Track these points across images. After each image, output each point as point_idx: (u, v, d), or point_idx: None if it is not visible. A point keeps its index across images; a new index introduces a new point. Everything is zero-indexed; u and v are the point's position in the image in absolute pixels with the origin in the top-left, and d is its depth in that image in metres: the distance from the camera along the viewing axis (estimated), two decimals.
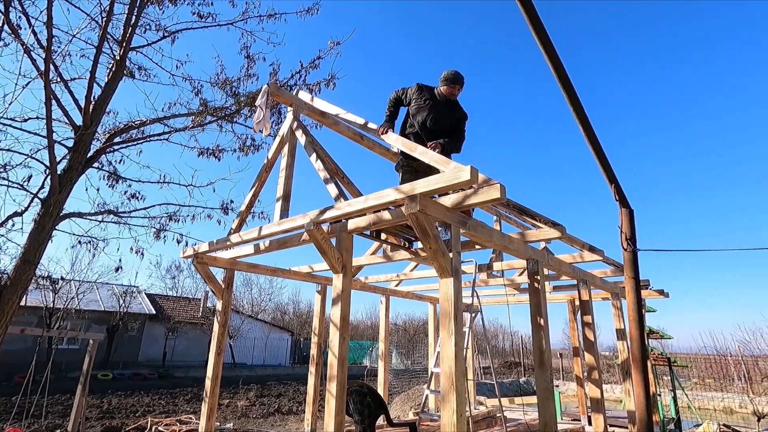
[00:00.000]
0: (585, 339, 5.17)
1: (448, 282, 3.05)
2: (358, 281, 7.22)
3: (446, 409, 2.80)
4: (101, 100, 5.57)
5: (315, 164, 3.86)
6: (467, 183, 2.73)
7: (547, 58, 1.61)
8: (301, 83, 6.42)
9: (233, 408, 13.23)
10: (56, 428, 9.28)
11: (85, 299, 19.73)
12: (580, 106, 1.83)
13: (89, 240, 6.75)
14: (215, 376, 4.96)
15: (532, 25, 1.58)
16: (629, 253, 2.43)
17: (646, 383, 2.29)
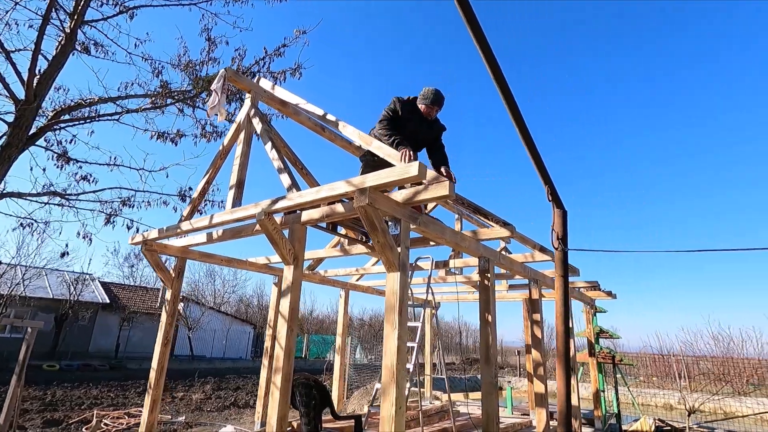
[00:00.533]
0: (533, 336, 5.34)
1: (394, 276, 3.07)
2: (317, 274, 7.17)
3: (386, 402, 2.83)
4: (48, 74, 5.26)
5: (270, 153, 3.79)
6: (415, 178, 2.76)
7: (485, 60, 1.63)
8: (265, 71, 6.30)
9: (187, 401, 12.87)
10: None
11: (32, 286, 18.66)
12: (517, 109, 1.88)
13: (31, 222, 6.40)
14: (161, 368, 4.80)
15: (470, 26, 1.60)
16: (560, 252, 2.52)
17: (568, 376, 2.40)
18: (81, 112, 6.20)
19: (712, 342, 17.48)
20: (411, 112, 3.85)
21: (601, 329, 10.46)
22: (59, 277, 21.05)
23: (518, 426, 6.89)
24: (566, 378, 2.37)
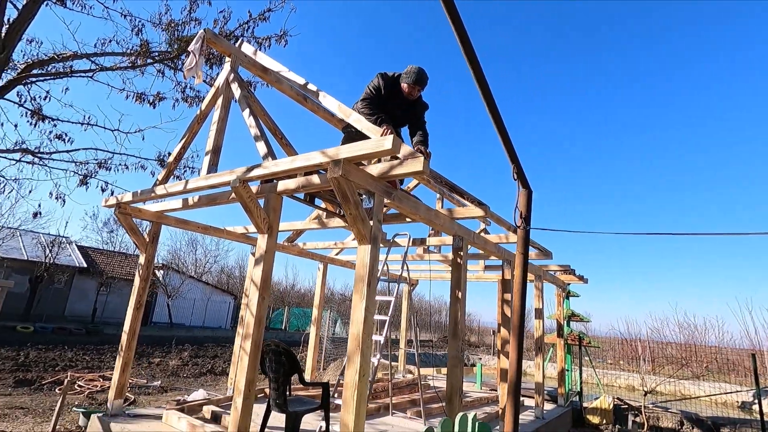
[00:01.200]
0: (503, 315, 5.50)
1: (365, 248, 3.11)
2: (296, 247, 7.18)
3: (350, 369, 2.91)
4: (17, 23, 5.01)
5: (247, 120, 3.73)
6: (389, 152, 2.76)
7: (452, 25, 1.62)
8: (249, 35, 6.11)
9: (164, 367, 12.97)
10: None
11: (6, 246, 18.27)
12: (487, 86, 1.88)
13: (5, 180, 6.22)
14: (132, 331, 4.81)
15: None
16: (523, 231, 2.59)
17: (520, 349, 2.50)
18: (54, 67, 5.96)
19: (678, 329, 18.27)
20: (393, 90, 3.81)
21: (572, 313, 10.83)
22: (34, 239, 20.62)
23: (485, 399, 7.17)
24: (518, 351, 2.47)
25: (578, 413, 7.75)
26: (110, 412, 4.60)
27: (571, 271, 8.85)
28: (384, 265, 5.68)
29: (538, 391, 6.54)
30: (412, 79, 3.78)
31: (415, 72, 3.82)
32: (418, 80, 3.79)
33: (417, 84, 3.80)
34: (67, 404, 7.22)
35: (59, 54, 5.78)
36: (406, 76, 3.81)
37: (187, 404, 4.97)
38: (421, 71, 3.85)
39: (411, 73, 3.79)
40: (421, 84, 3.83)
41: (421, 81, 3.81)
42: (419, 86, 3.82)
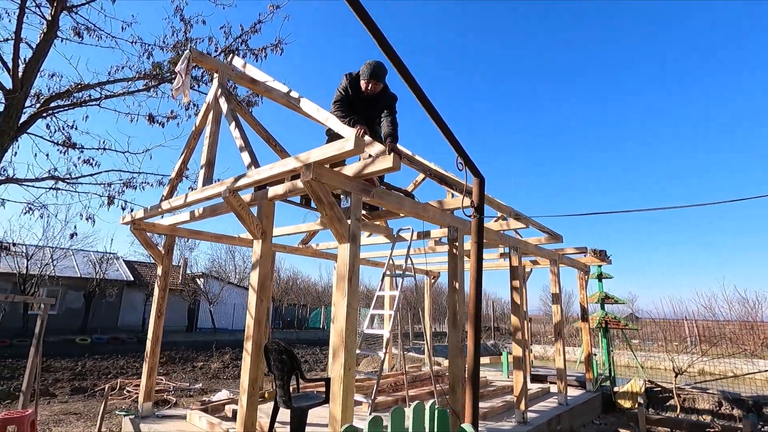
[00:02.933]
0: (512, 302, 5.44)
1: (344, 247, 3.20)
2: (310, 248, 7.38)
3: (335, 364, 3.02)
4: (32, 61, 5.44)
5: (233, 132, 3.90)
6: (354, 152, 2.84)
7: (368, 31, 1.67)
8: (245, 48, 6.32)
9: (206, 370, 13.65)
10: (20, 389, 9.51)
11: (60, 265, 19.72)
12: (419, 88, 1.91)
13: (40, 206, 6.76)
14: (155, 338, 5.15)
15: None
16: (476, 220, 2.58)
17: (477, 336, 2.51)
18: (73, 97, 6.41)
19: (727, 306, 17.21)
20: (358, 88, 3.84)
21: (606, 295, 10.49)
22: (85, 257, 22.14)
23: (508, 388, 7.11)
24: (475, 337, 2.48)
25: (609, 398, 7.53)
26: (140, 414, 4.96)
27: (598, 253, 8.58)
28: (390, 260, 5.76)
29: (560, 377, 6.42)
30: (367, 75, 3.76)
31: (369, 66, 3.79)
32: (372, 74, 3.76)
33: (372, 78, 3.77)
34: (115, 408, 7.80)
35: (76, 84, 6.22)
36: (362, 72, 3.80)
37: (211, 404, 5.27)
38: (375, 65, 3.79)
39: (365, 68, 3.78)
40: (376, 78, 3.77)
41: (375, 75, 3.76)
42: (374, 80, 3.78)
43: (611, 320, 10.15)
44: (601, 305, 10.38)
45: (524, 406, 5.10)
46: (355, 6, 1.62)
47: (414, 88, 1.91)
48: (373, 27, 1.72)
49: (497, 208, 5.12)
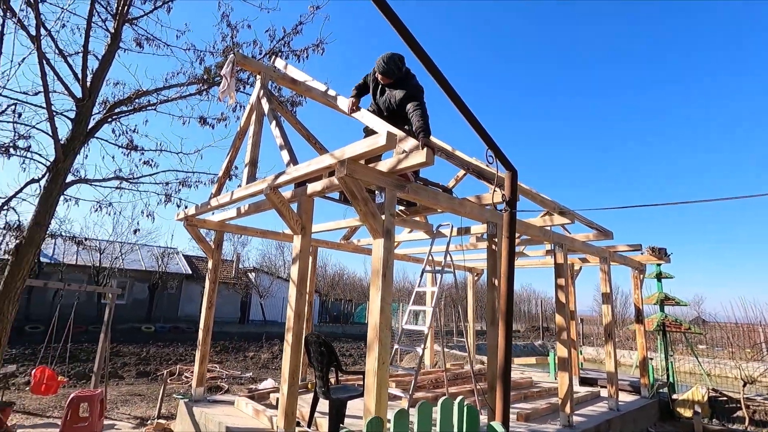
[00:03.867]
0: (557, 301, 5.23)
1: (379, 243, 3.22)
2: (351, 244, 7.50)
3: (370, 357, 3.06)
4: (99, 71, 5.92)
5: (273, 131, 4.05)
6: (386, 148, 2.85)
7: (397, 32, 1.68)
8: (287, 50, 6.50)
9: (257, 360, 14.32)
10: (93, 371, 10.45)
11: (128, 259, 21.40)
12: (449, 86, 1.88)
13: (107, 204, 7.36)
14: (206, 328, 5.47)
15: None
16: (508, 214, 2.49)
17: (509, 332, 2.42)
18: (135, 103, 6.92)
19: None
20: (374, 86, 3.86)
21: (666, 296, 9.82)
22: (149, 251, 23.89)
23: (553, 390, 6.86)
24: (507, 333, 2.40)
25: (666, 405, 7.04)
26: (194, 398, 5.29)
27: (656, 250, 8.05)
28: (429, 256, 5.73)
29: (610, 381, 6.09)
30: (381, 70, 3.73)
31: (381, 60, 3.73)
32: (383, 70, 3.72)
33: (384, 74, 3.74)
34: (174, 391, 8.38)
35: (136, 91, 6.70)
36: (376, 68, 3.78)
37: (257, 392, 5.52)
38: (387, 58, 3.71)
39: (378, 63, 3.74)
40: (388, 73, 3.71)
41: (386, 70, 3.70)
42: (382, 74, 3.74)
43: (671, 323, 9.47)
44: (661, 307, 9.72)
45: (569, 409, 4.90)
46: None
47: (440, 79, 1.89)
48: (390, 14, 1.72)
49: (540, 203, 4.94)
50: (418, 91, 3.74)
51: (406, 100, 3.70)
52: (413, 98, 3.67)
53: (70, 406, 5.13)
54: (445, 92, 1.92)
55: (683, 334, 10.37)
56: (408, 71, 3.81)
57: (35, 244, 5.22)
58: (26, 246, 5.14)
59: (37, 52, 4.97)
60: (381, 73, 3.75)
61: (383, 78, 3.78)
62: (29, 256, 5.17)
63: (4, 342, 4.90)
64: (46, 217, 5.33)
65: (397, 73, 3.70)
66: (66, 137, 5.57)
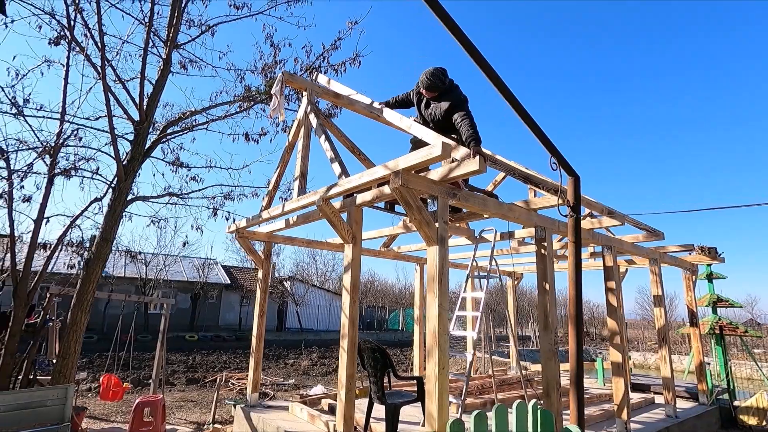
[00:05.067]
0: (608, 304, 5.13)
1: (434, 250, 3.30)
2: (391, 251, 7.60)
3: (430, 363, 3.12)
4: (153, 95, 6.31)
5: (323, 145, 4.21)
6: (440, 158, 2.93)
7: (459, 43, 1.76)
8: (326, 65, 6.73)
9: (297, 367, 14.59)
10: (150, 377, 10.96)
11: (171, 271, 22.33)
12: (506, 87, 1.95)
13: (159, 219, 7.78)
14: (259, 335, 5.68)
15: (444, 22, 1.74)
16: (572, 219, 2.50)
17: (579, 339, 2.42)
18: (183, 123, 7.32)
19: None
20: (417, 99, 4.03)
21: (718, 297, 9.39)
22: (190, 263, 24.84)
23: (605, 396, 6.68)
24: (577, 338, 2.40)
25: (728, 413, 6.70)
26: (249, 404, 5.50)
27: (707, 250, 7.73)
28: (473, 261, 5.74)
29: (667, 387, 5.89)
30: (424, 85, 3.87)
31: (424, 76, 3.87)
32: (427, 85, 3.85)
33: (427, 89, 3.88)
34: (223, 398, 8.68)
35: (184, 112, 7.09)
36: (420, 83, 3.94)
37: (309, 398, 5.67)
38: (430, 73, 3.82)
39: (421, 78, 3.89)
40: (431, 88, 3.84)
41: (430, 85, 3.83)
42: (426, 89, 3.88)
43: (727, 326, 9.02)
44: (713, 309, 9.27)
45: (626, 415, 4.78)
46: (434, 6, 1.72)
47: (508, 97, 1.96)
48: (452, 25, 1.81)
49: (587, 205, 4.87)
50: (463, 101, 3.84)
51: (452, 110, 3.80)
52: (459, 108, 3.77)
53: (136, 411, 5.44)
54: (508, 102, 1.99)
55: (739, 337, 9.86)
56: (451, 83, 3.91)
57: (102, 258, 5.61)
58: (95, 260, 5.53)
59: (102, 82, 5.37)
60: (426, 88, 3.88)
61: (428, 92, 3.92)
62: (97, 269, 5.55)
63: (78, 349, 5.27)
64: (111, 232, 5.72)
65: (441, 86, 3.83)
66: (126, 158, 5.97)
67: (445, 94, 3.88)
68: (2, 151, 5.50)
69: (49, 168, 5.78)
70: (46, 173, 5.82)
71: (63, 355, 5.10)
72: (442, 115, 3.89)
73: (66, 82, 5.95)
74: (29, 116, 5.80)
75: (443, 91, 3.87)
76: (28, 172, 5.43)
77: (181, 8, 6.59)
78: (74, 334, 5.25)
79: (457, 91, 3.89)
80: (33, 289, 5.53)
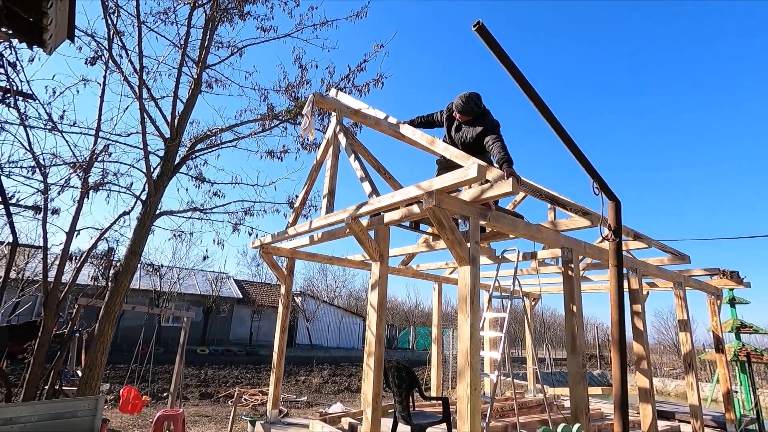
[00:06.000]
0: (634, 328, 5.07)
1: (465, 270, 3.33)
2: (410, 269, 7.62)
3: (461, 384, 3.12)
4: (184, 114, 6.54)
5: (353, 164, 4.31)
6: (476, 179, 2.99)
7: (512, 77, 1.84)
8: (351, 86, 6.91)
9: (308, 384, 14.48)
10: (164, 391, 10.99)
11: (185, 284, 22.52)
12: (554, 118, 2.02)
13: (181, 233, 7.92)
14: (280, 351, 5.71)
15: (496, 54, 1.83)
16: (614, 243, 2.52)
17: (623, 362, 2.40)
18: (209, 140, 7.53)
19: None
20: (449, 121, 4.16)
21: (742, 323, 9.17)
22: (203, 277, 25.03)
23: (630, 422, 6.51)
24: (621, 365, 2.40)
25: None
26: (269, 420, 5.49)
27: (730, 274, 7.61)
28: (495, 281, 5.74)
29: (694, 415, 5.74)
30: (458, 109, 4.02)
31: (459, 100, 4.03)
32: (461, 109, 3.99)
33: (461, 112, 4.01)
34: (238, 414, 8.65)
35: (212, 129, 7.30)
36: (455, 105, 4.08)
37: (329, 416, 5.64)
38: (464, 98, 3.98)
39: (456, 101, 4.04)
40: (465, 112, 3.98)
41: (464, 109, 3.98)
42: (461, 113, 4.02)
43: (752, 352, 8.79)
44: (736, 335, 9.05)
45: None
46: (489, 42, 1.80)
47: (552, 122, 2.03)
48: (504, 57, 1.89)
49: None
50: (496, 125, 3.98)
51: (484, 134, 3.93)
52: (492, 132, 3.90)
53: (157, 424, 5.46)
54: (553, 128, 2.05)
55: (765, 365, 9.58)
56: (484, 107, 4.04)
57: (131, 271, 5.73)
58: (123, 273, 5.66)
59: (139, 101, 5.59)
60: (460, 112, 4.01)
61: (462, 116, 4.04)
62: (125, 282, 5.67)
63: (104, 360, 5.34)
64: (140, 246, 5.86)
65: (476, 110, 3.96)
66: (156, 173, 6.15)
67: (478, 119, 4.02)
68: (40, 165, 5.71)
69: (83, 182, 5.98)
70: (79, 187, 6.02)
71: (90, 366, 5.18)
72: (473, 138, 3.99)
73: (102, 100, 6.20)
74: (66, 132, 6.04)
75: (477, 115, 4.00)
76: (65, 186, 5.60)
77: (213, 31, 6.86)
78: (101, 345, 5.34)
79: (490, 116, 4.03)
80: (62, 299, 5.66)
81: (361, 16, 7.43)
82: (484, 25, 1.69)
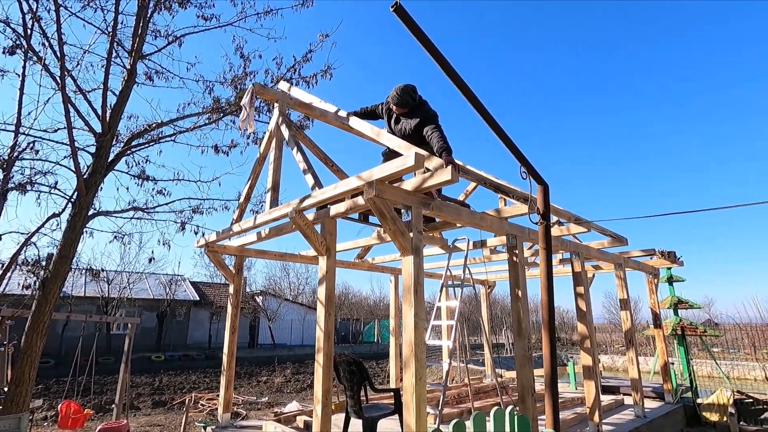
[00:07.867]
0: (578, 309, 5.28)
1: (408, 259, 3.31)
2: (366, 262, 7.57)
3: (407, 374, 3.11)
4: (117, 107, 6.10)
5: (295, 156, 4.17)
6: (414, 168, 2.96)
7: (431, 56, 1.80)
8: (297, 77, 6.72)
9: (270, 384, 14.19)
10: (111, 402, 10.39)
11: (136, 288, 21.39)
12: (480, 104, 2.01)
13: (123, 235, 7.46)
14: (231, 353, 5.50)
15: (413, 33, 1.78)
16: (542, 226, 2.58)
17: (553, 343, 2.48)
18: (150, 135, 7.10)
19: None
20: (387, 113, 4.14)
21: (679, 299, 9.83)
22: (156, 280, 23.88)
23: (577, 400, 6.83)
24: (551, 346, 2.46)
25: (692, 410, 6.98)
26: (221, 425, 5.29)
27: (667, 254, 8.10)
28: (447, 270, 5.79)
29: (635, 388, 6.08)
30: (394, 101, 3.97)
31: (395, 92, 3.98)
32: (397, 102, 3.95)
33: (397, 105, 3.97)
34: (192, 420, 8.31)
35: (150, 124, 6.88)
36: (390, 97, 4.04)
37: (284, 415, 5.51)
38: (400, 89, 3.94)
39: (392, 94, 4.00)
40: (401, 104, 3.94)
41: (400, 102, 3.93)
42: (396, 105, 3.98)
43: (688, 326, 9.46)
44: (674, 310, 9.71)
45: (598, 417, 4.89)
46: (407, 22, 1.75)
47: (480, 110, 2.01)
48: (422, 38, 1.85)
49: (555, 212, 5.03)
50: (433, 116, 3.94)
51: (422, 125, 3.89)
52: (429, 122, 3.86)
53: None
54: (478, 112, 2.04)
55: (699, 337, 10.34)
56: (420, 98, 4.00)
57: (61, 277, 5.31)
58: (52, 279, 5.23)
59: (62, 93, 5.15)
60: (396, 104, 3.95)
61: (398, 108, 3.99)
62: (55, 289, 5.25)
63: (33, 375, 4.93)
64: (70, 249, 5.43)
65: (411, 102, 3.92)
66: (87, 171, 5.71)
67: (416, 110, 3.96)
68: None
69: (2, 182, 5.46)
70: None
71: (16, 382, 4.76)
72: (412, 130, 3.95)
73: (21, 93, 5.68)
74: None
75: (413, 107, 3.96)
76: None
77: (147, 19, 6.44)
78: (29, 359, 4.92)
79: (426, 106, 3.99)
80: None
81: (307, 5, 7.21)
82: (402, 5, 1.64)
